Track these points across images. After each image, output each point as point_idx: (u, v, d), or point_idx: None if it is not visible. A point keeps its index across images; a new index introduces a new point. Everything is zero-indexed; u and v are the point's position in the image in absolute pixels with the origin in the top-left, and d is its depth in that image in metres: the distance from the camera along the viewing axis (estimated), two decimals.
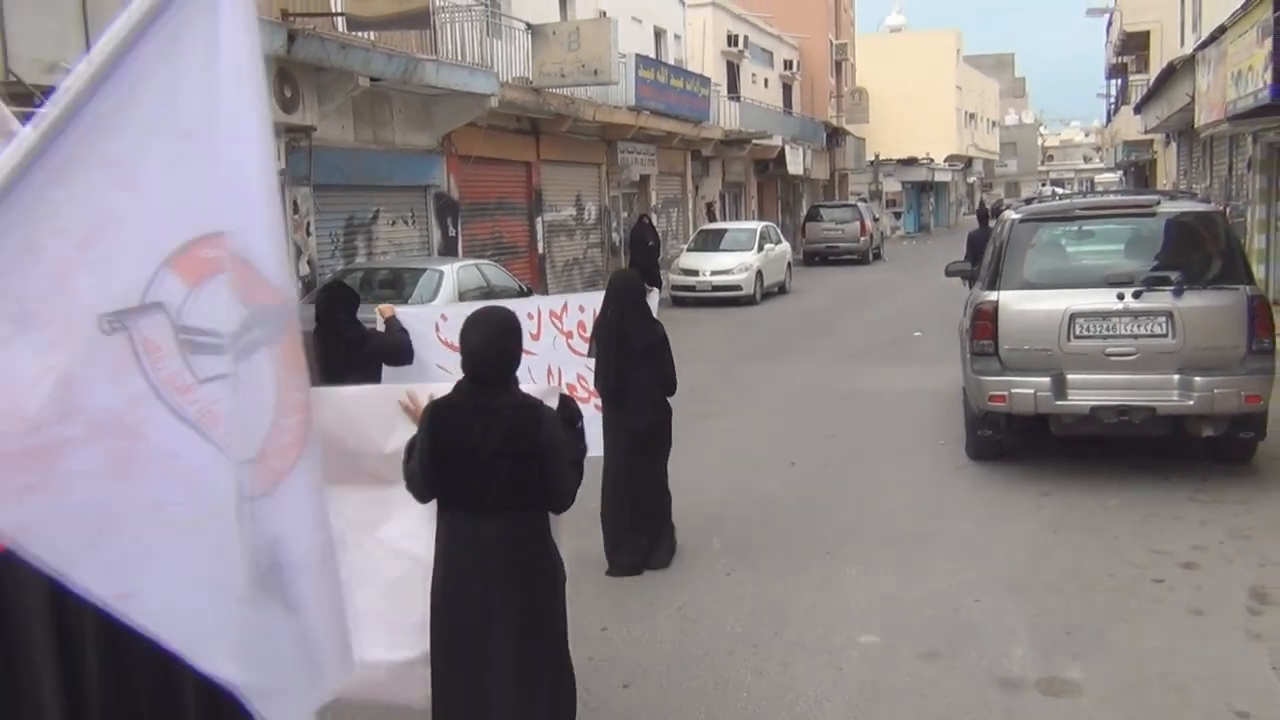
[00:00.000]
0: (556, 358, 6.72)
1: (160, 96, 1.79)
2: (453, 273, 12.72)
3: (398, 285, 12.77)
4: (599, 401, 6.46)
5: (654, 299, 6.72)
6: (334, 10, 14.17)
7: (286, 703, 2.04)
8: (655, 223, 25.75)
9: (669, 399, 6.54)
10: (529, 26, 20.29)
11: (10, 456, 1.74)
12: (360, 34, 14.36)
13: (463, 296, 12.22)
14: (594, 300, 6.76)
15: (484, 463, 3.47)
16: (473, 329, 3.59)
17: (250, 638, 1.96)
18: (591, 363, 6.57)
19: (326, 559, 2.01)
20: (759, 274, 23.67)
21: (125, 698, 2.33)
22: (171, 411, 1.83)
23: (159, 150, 1.80)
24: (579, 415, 3.89)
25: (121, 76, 1.75)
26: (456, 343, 3.71)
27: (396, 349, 6.27)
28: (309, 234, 14.85)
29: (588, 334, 6.78)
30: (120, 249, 1.77)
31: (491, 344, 3.57)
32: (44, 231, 1.71)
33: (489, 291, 12.73)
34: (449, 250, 17.94)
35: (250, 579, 1.93)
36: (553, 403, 3.72)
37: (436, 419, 3.52)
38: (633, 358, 6.30)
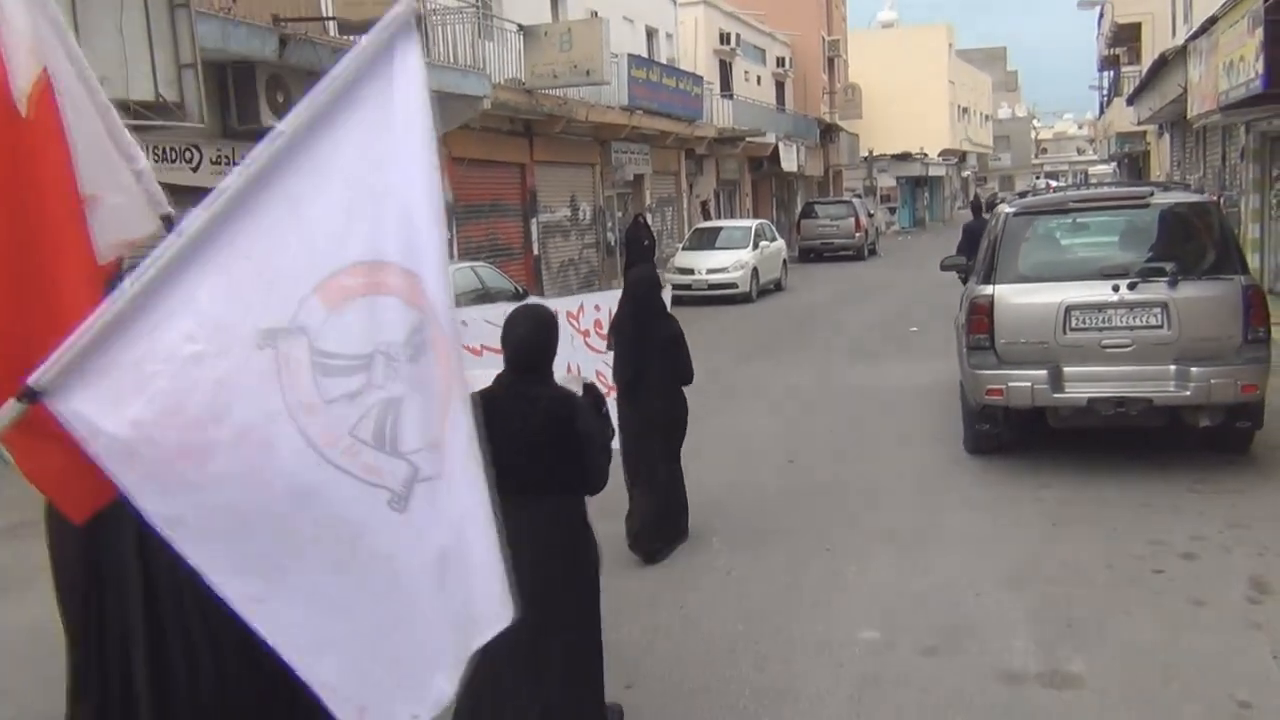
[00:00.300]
0: (574, 355, 6.85)
1: (336, 145, 2.07)
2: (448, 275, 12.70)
3: None
4: (616, 395, 6.66)
5: (667, 294, 7.00)
6: (325, 15, 14.16)
7: (376, 716, 2.12)
8: (650, 222, 25.76)
9: (685, 389, 6.84)
10: (520, 28, 20.29)
11: (172, 452, 1.94)
12: (352, 37, 14.35)
13: (458, 299, 12.22)
14: (609, 299, 7.01)
15: (526, 449, 3.71)
16: (517, 324, 3.95)
17: (359, 651, 2.07)
18: (609, 358, 6.77)
19: (491, 519, 2.12)
20: (755, 272, 23.67)
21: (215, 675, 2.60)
22: (299, 431, 2.00)
23: (328, 190, 2.05)
24: (603, 401, 4.23)
25: (312, 130, 2.06)
26: (475, 345, 4.01)
27: None
28: None
29: (604, 331, 6.97)
30: (283, 273, 2.00)
31: (535, 335, 3.93)
32: (235, 256, 1.98)
33: (485, 294, 12.73)
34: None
35: (424, 593, 2.05)
36: (578, 389, 4.03)
37: (484, 409, 3.53)
38: (650, 351, 6.54)
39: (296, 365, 2.00)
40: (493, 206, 20.57)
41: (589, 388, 4.14)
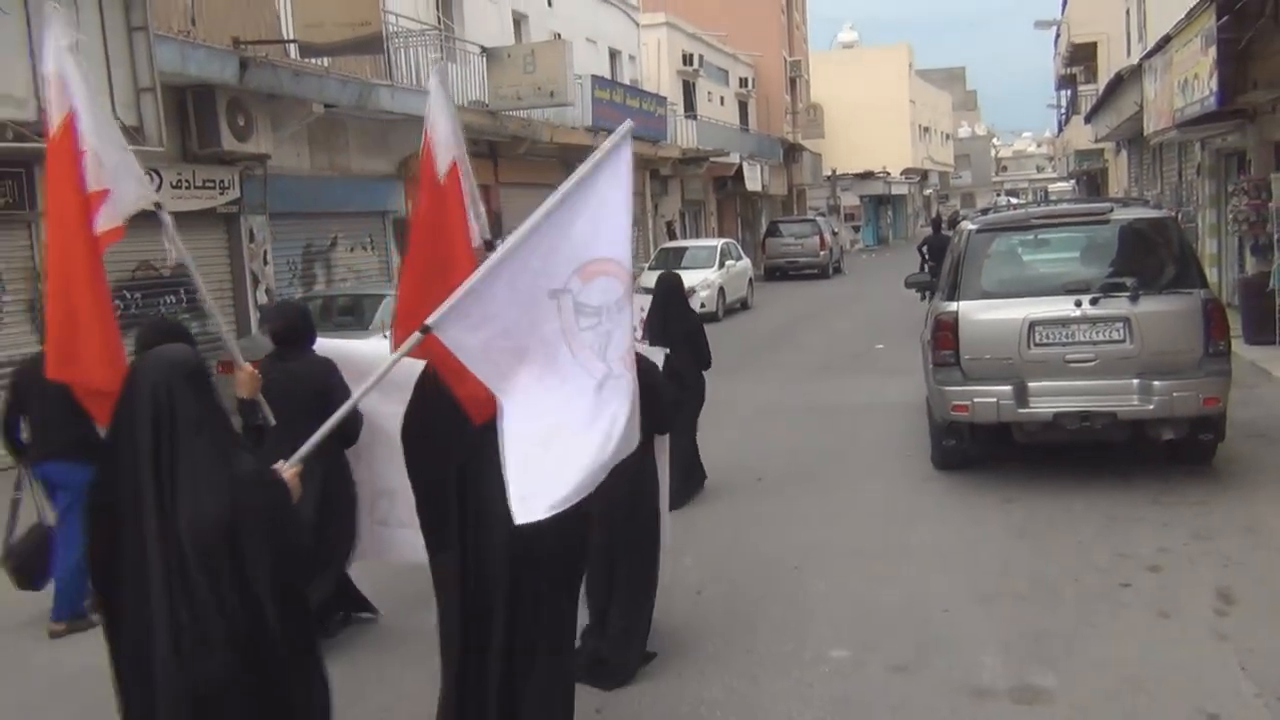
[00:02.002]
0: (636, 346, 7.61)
1: (587, 193, 3.52)
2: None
3: (357, 312, 12.67)
4: None
5: (695, 298, 7.82)
6: (286, 38, 14.09)
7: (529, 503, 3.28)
8: None
9: (704, 372, 8.49)
10: (483, 50, 20.29)
11: (505, 353, 3.41)
12: (313, 60, 14.29)
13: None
14: (643, 300, 8.13)
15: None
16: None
17: (542, 458, 3.34)
18: (644, 347, 7.18)
19: (636, 393, 3.44)
20: (721, 291, 23.72)
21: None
22: (565, 344, 3.46)
23: (582, 218, 3.50)
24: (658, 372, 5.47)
25: (576, 185, 3.51)
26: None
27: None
28: (265, 262, 14.72)
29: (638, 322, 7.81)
30: (560, 264, 3.47)
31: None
32: (535, 253, 3.44)
33: None
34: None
35: (600, 431, 3.36)
36: (658, 359, 5.58)
37: None
38: (675, 340, 7.54)
39: (566, 309, 3.47)
40: None
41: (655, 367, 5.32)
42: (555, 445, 3.34)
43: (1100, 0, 31.61)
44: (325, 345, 5.85)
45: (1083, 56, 35.68)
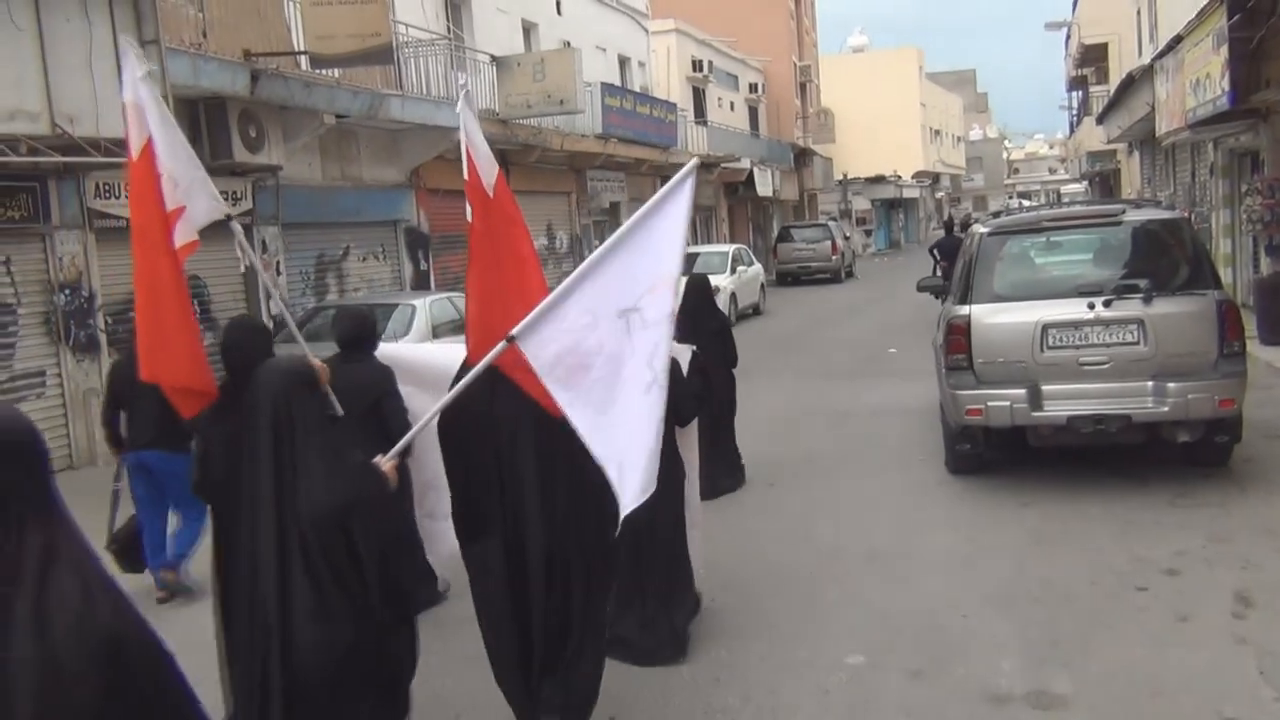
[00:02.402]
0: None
1: (654, 222, 3.96)
2: (425, 307, 12.64)
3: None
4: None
5: (719, 297, 7.99)
6: (296, 49, 14.15)
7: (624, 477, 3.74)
8: None
9: (733, 370, 9.02)
10: (493, 59, 20.34)
11: (575, 366, 3.86)
12: (324, 71, 14.34)
13: (436, 330, 12.17)
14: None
15: None
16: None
17: (623, 449, 3.78)
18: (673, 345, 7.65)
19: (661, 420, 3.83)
20: (733, 296, 23.69)
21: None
22: (633, 352, 3.84)
23: (650, 244, 3.93)
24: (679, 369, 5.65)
25: (644, 214, 3.97)
26: None
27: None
28: (279, 273, 14.77)
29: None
30: (629, 286, 3.88)
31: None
32: (606, 275, 3.92)
33: (463, 324, 12.67)
34: (421, 284, 17.89)
35: (652, 432, 3.75)
36: (685, 356, 5.78)
37: None
38: (703, 339, 7.61)
39: (634, 325, 3.85)
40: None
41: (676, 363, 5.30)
42: (628, 444, 3.77)
43: (1111, 1, 31.56)
44: (388, 350, 6.11)
45: (1094, 57, 35.61)
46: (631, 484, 3.68)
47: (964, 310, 8.23)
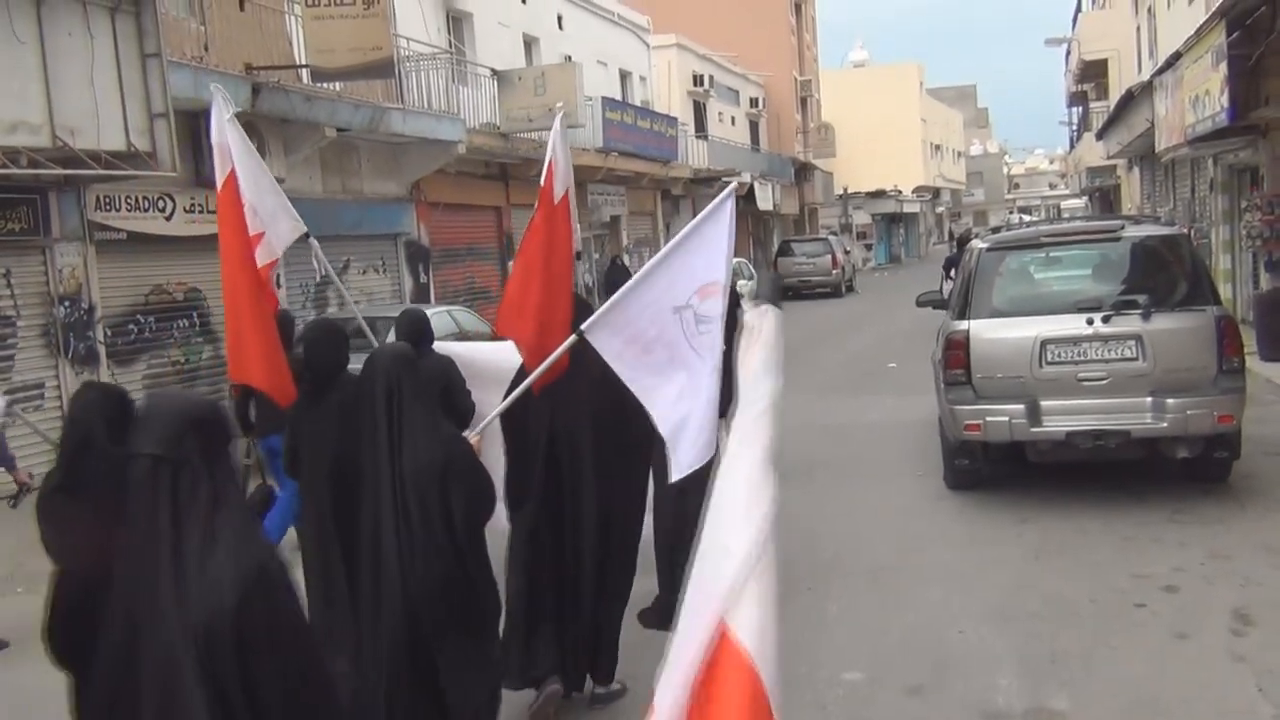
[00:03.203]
0: None
1: (705, 233, 4.45)
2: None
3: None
4: None
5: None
6: (298, 63, 14.19)
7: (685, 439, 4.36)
8: (628, 263, 25.82)
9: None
10: (494, 73, 20.40)
11: (637, 351, 4.45)
12: (325, 85, 14.39)
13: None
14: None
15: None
16: None
17: (685, 412, 4.36)
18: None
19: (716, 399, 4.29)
20: None
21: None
22: (687, 343, 4.37)
23: (700, 251, 4.43)
24: None
25: (695, 226, 4.49)
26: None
27: None
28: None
29: None
30: (683, 287, 4.40)
31: None
32: (662, 276, 4.48)
33: (463, 337, 12.67)
34: (421, 297, 17.90)
35: (712, 408, 4.27)
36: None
37: None
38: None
39: (688, 320, 4.38)
40: (469, 250, 20.57)
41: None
42: (688, 418, 4.35)
43: (1110, 17, 31.68)
44: (442, 347, 6.55)
45: (1094, 73, 35.69)
46: (685, 454, 4.33)
47: (963, 325, 8.23)
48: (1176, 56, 16.10)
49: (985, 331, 8.13)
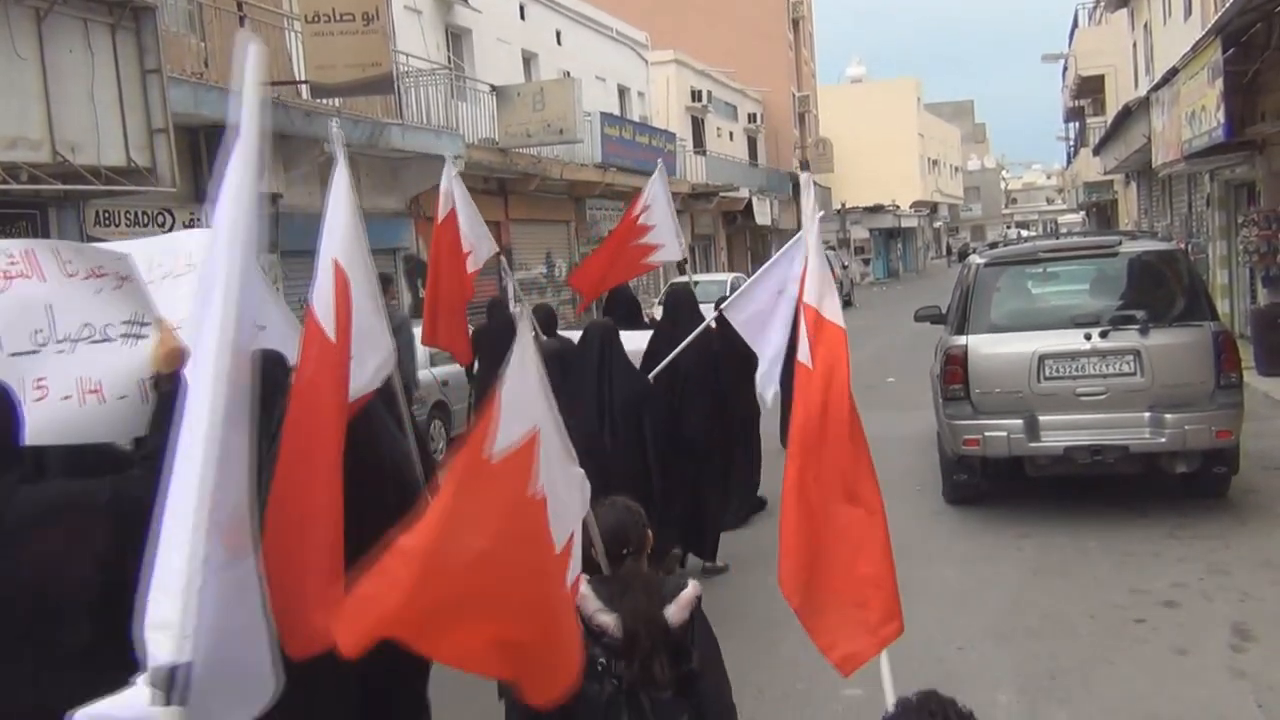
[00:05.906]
0: None
1: (800, 238, 5.30)
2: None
3: None
4: None
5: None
6: (297, 78, 14.23)
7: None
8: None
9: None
10: (493, 88, 20.45)
11: (754, 316, 6.44)
12: (325, 100, 14.42)
13: (434, 358, 12.17)
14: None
15: None
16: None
17: None
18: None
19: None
20: None
21: None
22: (780, 309, 6.34)
23: (792, 254, 6.06)
24: None
25: (796, 241, 6.05)
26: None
27: None
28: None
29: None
30: (782, 276, 6.17)
31: None
32: (774, 272, 6.38)
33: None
34: (419, 311, 17.88)
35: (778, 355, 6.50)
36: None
37: None
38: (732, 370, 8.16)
39: (784, 297, 6.21)
40: None
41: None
42: (773, 360, 6.32)
43: (1107, 33, 31.79)
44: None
45: (1090, 89, 35.79)
46: (769, 382, 6.52)
47: (961, 340, 8.24)
48: (1173, 72, 16.17)
49: (983, 346, 8.14)
